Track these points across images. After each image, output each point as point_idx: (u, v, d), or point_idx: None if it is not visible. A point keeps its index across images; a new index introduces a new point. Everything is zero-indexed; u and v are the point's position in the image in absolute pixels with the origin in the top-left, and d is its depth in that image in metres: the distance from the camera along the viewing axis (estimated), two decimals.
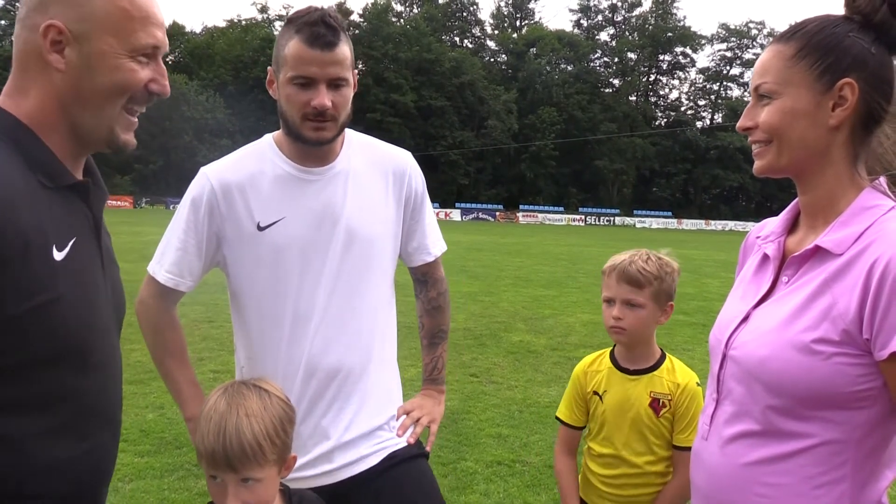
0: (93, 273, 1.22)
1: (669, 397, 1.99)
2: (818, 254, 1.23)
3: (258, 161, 1.83)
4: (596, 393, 2.05)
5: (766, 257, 1.37)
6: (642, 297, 1.96)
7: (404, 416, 1.94)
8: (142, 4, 1.21)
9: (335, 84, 1.71)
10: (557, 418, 2.16)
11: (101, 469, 1.27)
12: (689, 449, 1.93)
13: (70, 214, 1.18)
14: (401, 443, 1.88)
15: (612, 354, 2.10)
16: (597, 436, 2.07)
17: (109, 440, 1.28)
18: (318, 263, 1.79)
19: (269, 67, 1.81)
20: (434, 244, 2.04)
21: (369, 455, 1.83)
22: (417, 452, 1.90)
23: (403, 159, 1.97)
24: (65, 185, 1.17)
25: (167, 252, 1.82)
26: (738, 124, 1.31)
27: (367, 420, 1.84)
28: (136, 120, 1.27)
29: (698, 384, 2.01)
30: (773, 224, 1.41)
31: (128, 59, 1.19)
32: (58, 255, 1.11)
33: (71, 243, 1.15)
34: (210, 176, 1.81)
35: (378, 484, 1.80)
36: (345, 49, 1.71)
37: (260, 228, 1.78)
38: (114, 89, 1.19)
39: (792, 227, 1.37)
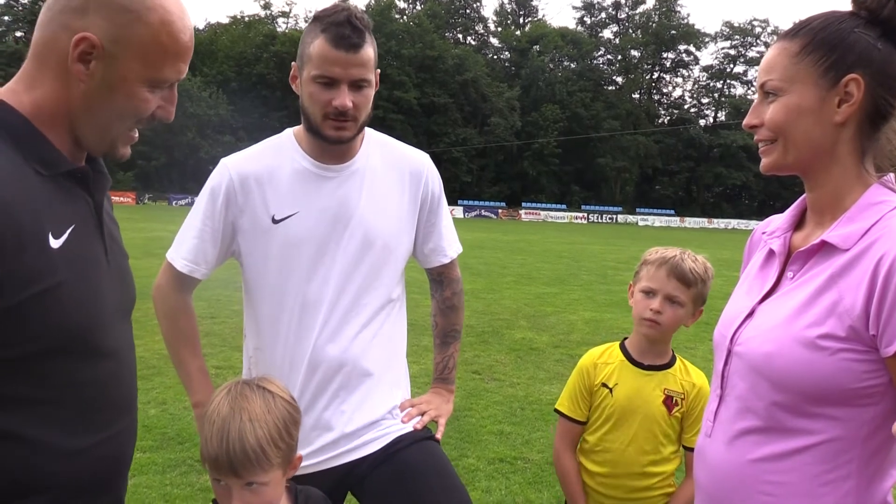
0: (95, 260, 1.21)
1: (683, 396, 1.98)
2: (824, 249, 1.22)
3: (277, 155, 1.86)
4: (605, 385, 2.02)
5: (771, 253, 1.36)
6: (685, 296, 1.96)
7: (410, 408, 1.94)
8: (179, 39, 1.20)
9: (357, 85, 1.73)
10: (558, 411, 2.12)
11: (118, 459, 1.26)
12: None
13: (68, 202, 1.17)
14: (406, 428, 1.88)
15: (622, 347, 2.07)
16: (599, 429, 2.03)
17: (125, 429, 1.28)
18: (328, 260, 1.81)
19: (293, 63, 1.82)
20: (450, 246, 2.05)
21: (374, 440, 1.83)
22: (424, 436, 1.89)
23: (421, 161, 1.98)
24: (61, 171, 1.16)
25: (185, 239, 1.86)
26: (744, 122, 1.30)
27: (369, 412, 1.85)
28: (137, 135, 1.27)
29: None
30: (779, 220, 1.40)
31: (145, 88, 1.19)
32: (55, 243, 1.10)
33: (69, 230, 1.14)
34: (230, 167, 1.85)
35: (385, 467, 1.79)
36: (369, 51, 1.73)
37: (275, 221, 1.81)
38: (123, 114, 1.20)
39: (798, 223, 1.36)
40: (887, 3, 1.19)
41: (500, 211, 61.62)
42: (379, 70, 1.82)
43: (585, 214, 63.91)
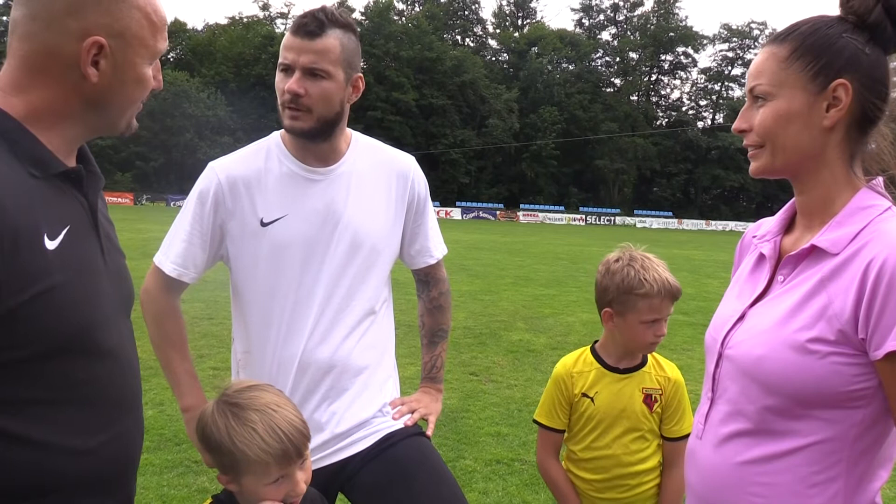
0: (92, 260, 1.22)
1: (660, 392, 2.01)
2: (814, 253, 1.23)
3: (265, 158, 1.87)
4: (585, 395, 2.03)
5: (762, 257, 1.37)
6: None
7: (400, 406, 1.96)
8: (161, 11, 1.25)
9: (312, 73, 1.72)
10: (536, 422, 2.12)
11: (125, 457, 1.26)
12: (683, 438, 1.94)
13: (62, 203, 1.18)
14: (396, 425, 1.90)
15: (595, 353, 2.08)
16: (586, 438, 2.04)
17: (131, 428, 1.28)
18: (317, 262, 1.82)
19: None
20: (436, 247, 2.07)
21: (364, 437, 1.85)
22: (415, 432, 1.91)
23: (407, 163, 2.00)
24: (55, 173, 1.16)
25: (173, 243, 1.86)
26: (733, 126, 1.31)
27: (360, 411, 1.86)
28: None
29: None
30: (770, 223, 1.41)
31: (147, 66, 1.25)
32: (50, 245, 1.11)
33: (64, 231, 1.15)
34: (217, 170, 1.86)
35: (376, 463, 1.81)
36: (330, 41, 1.72)
37: (263, 224, 1.82)
38: (136, 96, 1.26)
39: (788, 226, 1.37)
40: (874, 7, 1.19)
41: (498, 212, 61.64)
42: (361, 76, 1.82)
43: (583, 216, 63.90)
